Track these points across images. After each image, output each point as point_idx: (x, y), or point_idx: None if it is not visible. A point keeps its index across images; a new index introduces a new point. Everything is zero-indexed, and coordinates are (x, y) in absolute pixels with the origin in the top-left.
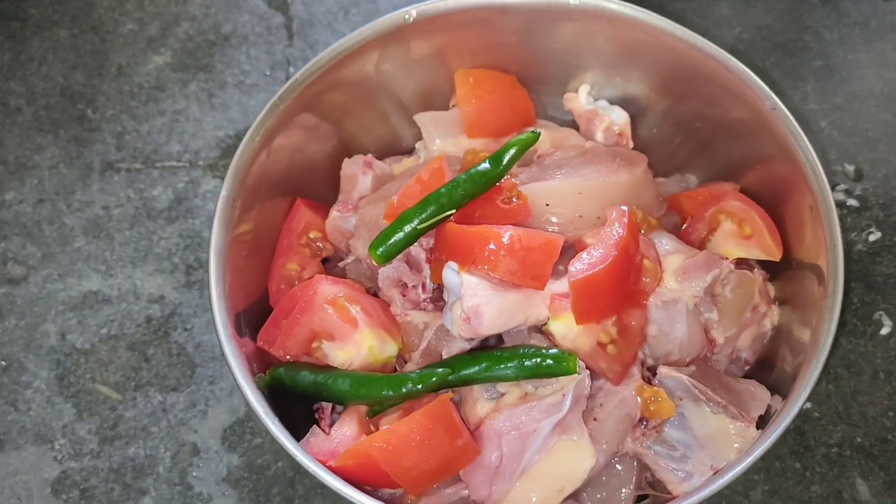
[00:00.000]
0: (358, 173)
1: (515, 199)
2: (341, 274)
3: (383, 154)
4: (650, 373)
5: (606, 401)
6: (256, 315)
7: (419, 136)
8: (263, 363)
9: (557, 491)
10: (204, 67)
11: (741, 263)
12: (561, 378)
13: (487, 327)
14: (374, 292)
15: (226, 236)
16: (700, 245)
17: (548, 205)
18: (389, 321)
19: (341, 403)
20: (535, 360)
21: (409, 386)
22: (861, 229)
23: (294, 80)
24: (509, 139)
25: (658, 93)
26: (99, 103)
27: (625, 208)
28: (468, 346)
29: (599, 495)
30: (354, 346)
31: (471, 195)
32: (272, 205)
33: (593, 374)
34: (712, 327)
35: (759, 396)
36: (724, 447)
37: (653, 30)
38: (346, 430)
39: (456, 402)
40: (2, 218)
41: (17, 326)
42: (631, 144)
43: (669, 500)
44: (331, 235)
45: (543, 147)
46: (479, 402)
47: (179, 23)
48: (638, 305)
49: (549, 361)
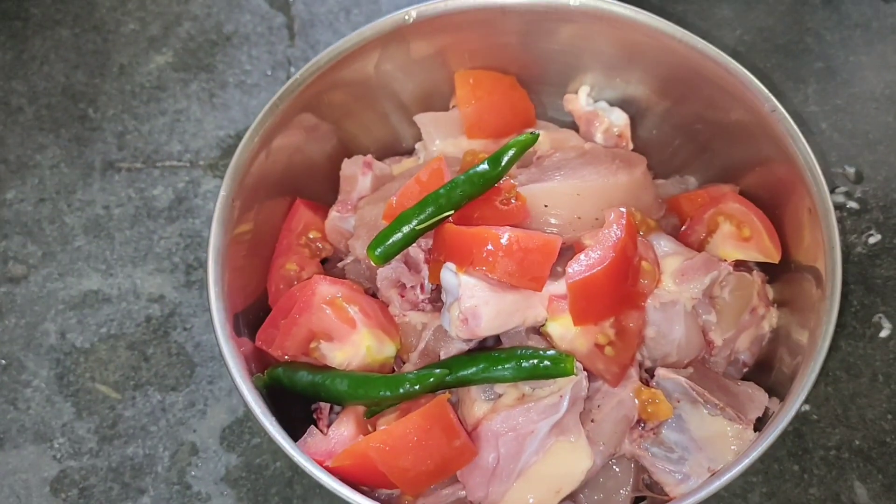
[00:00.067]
0: (357, 174)
1: (514, 201)
2: (340, 274)
3: (383, 155)
4: (648, 374)
5: (604, 402)
6: (255, 315)
7: (419, 136)
8: (262, 363)
9: (555, 492)
10: (205, 67)
11: (740, 265)
12: (558, 379)
13: (485, 328)
14: (372, 293)
15: (224, 236)
16: (699, 247)
17: (546, 206)
18: (388, 322)
19: (339, 404)
20: (532, 362)
21: (407, 386)
22: (861, 231)
23: (294, 80)
24: (509, 140)
25: (658, 94)
26: (100, 103)
27: (623, 210)
28: (466, 346)
29: (597, 497)
30: (352, 347)
31: (469, 196)
32: (272, 205)
33: (591, 376)
34: (710, 329)
35: (757, 399)
36: (722, 449)
37: (652, 31)
38: (343, 431)
39: (453, 402)
40: (3, 217)
41: (17, 325)
42: (630, 146)
43: (667, 501)
44: (330, 236)
45: (543, 148)
46: (476, 402)
47: (181, 22)
48: (636, 307)
49: (546, 363)
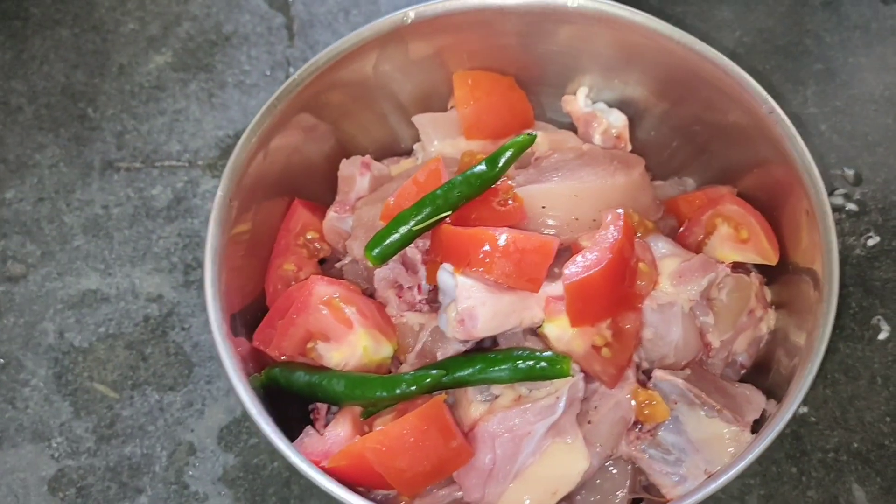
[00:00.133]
0: (355, 174)
1: (511, 202)
2: (338, 275)
3: (382, 155)
4: (645, 376)
5: (601, 404)
6: (253, 315)
7: (417, 137)
8: (259, 363)
9: (551, 494)
10: (204, 67)
11: (738, 267)
12: (555, 381)
13: (482, 329)
14: (370, 293)
15: (222, 236)
16: (697, 248)
17: (544, 207)
18: (384, 322)
19: (336, 404)
20: (529, 363)
21: (404, 387)
22: (860, 233)
23: (291, 80)
24: (507, 141)
25: (656, 96)
26: (100, 102)
27: (620, 211)
28: (463, 347)
29: (593, 498)
30: (349, 347)
31: (467, 197)
32: (269, 205)
33: (588, 377)
34: (708, 331)
35: (755, 401)
36: (719, 451)
37: (651, 33)
38: (339, 431)
39: (450, 403)
40: (2, 216)
41: (15, 324)
42: (629, 147)
43: None
44: (328, 236)
45: (541, 149)
46: (473, 403)
47: (181, 22)
48: (633, 309)
49: (543, 364)
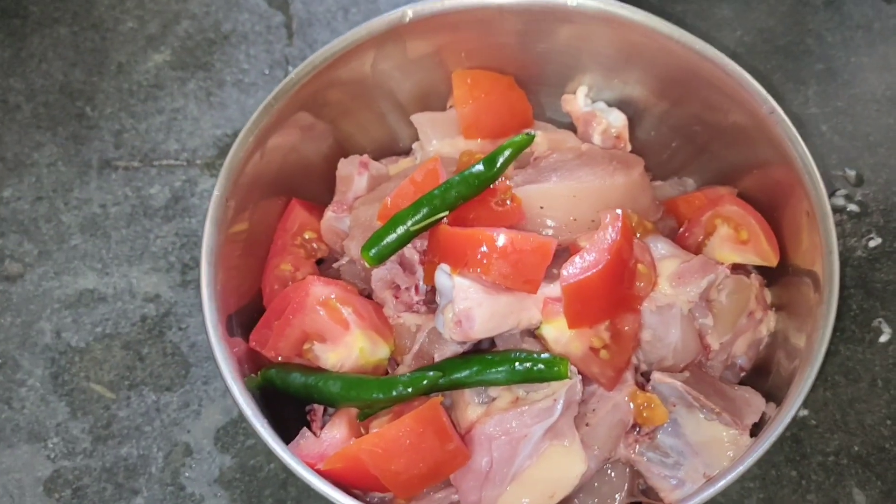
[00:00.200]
0: (353, 174)
1: (509, 202)
2: (336, 275)
3: (380, 154)
4: (644, 378)
5: (599, 406)
6: (250, 315)
7: (416, 136)
8: (256, 363)
9: (548, 497)
10: (203, 66)
11: (738, 269)
12: (553, 383)
13: (479, 331)
14: (367, 294)
15: (218, 236)
16: (696, 249)
17: (542, 207)
18: (381, 323)
19: (332, 405)
20: (526, 365)
21: (400, 389)
22: (861, 235)
23: (289, 79)
24: (506, 141)
25: (656, 95)
26: (98, 101)
27: (619, 212)
28: (460, 349)
29: (591, 502)
30: (345, 348)
31: (464, 197)
32: (267, 205)
33: (586, 380)
34: (707, 333)
35: (754, 403)
36: (718, 454)
37: (651, 32)
38: (335, 433)
39: (447, 405)
40: None
41: (12, 324)
42: (628, 147)
43: None
44: (326, 236)
45: (540, 149)
46: (469, 406)
47: (179, 21)
48: (631, 310)
49: (540, 366)
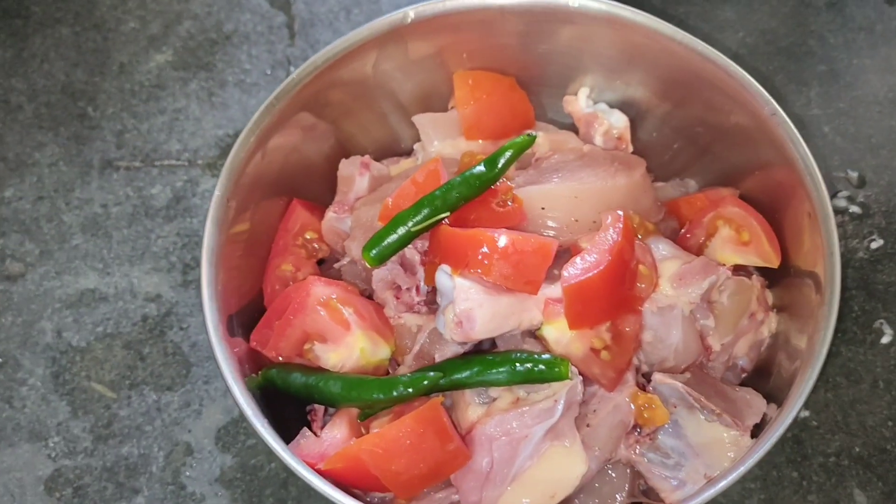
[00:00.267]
0: (355, 174)
1: (511, 203)
2: (337, 275)
3: (381, 155)
4: (645, 379)
5: (600, 407)
6: (250, 315)
7: (418, 137)
8: (257, 363)
9: (549, 497)
10: (205, 66)
11: (739, 270)
12: (553, 384)
13: (480, 331)
14: (368, 294)
15: (219, 236)
16: (698, 251)
17: (543, 208)
18: (382, 323)
19: (332, 406)
20: (527, 366)
21: (400, 389)
22: (863, 236)
23: (290, 79)
24: (507, 142)
25: (658, 97)
26: (100, 101)
27: (620, 213)
28: (461, 349)
29: (592, 502)
30: (346, 349)
31: (466, 198)
32: (268, 205)
33: (587, 380)
34: (708, 334)
35: (755, 405)
36: (719, 455)
37: (653, 33)
38: (336, 433)
39: (447, 406)
40: (1, 214)
41: (13, 323)
42: (630, 148)
43: None
44: (327, 236)
45: (541, 150)
46: (470, 406)
47: (181, 21)
48: (633, 311)
49: (541, 367)
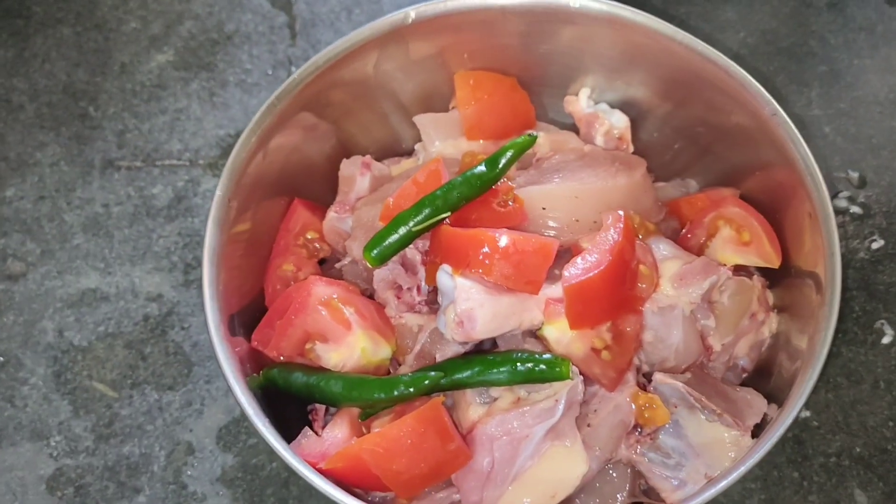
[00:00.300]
0: (356, 174)
1: (511, 203)
2: (338, 275)
3: (383, 155)
4: (645, 379)
5: (600, 407)
6: (252, 315)
7: (419, 137)
8: (258, 363)
9: (550, 497)
10: (206, 66)
11: (740, 270)
12: (554, 383)
13: (481, 331)
14: (369, 294)
15: (220, 236)
16: (698, 251)
17: (544, 208)
18: (383, 323)
19: (333, 405)
20: (528, 365)
21: (401, 389)
22: (864, 237)
23: (292, 79)
24: (508, 142)
25: (659, 97)
26: (101, 101)
27: (621, 213)
28: (462, 349)
29: (592, 502)
30: (347, 348)
31: (467, 198)
32: (269, 205)
33: (587, 380)
34: (709, 334)
35: (756, 405)
36: (719, 455)
37: (653, 33)
38: (337, 433)
39: (448, 406)
40: (2, 214)
41: (15, 323)
42: (631, 148)
43: None
44: (328, 236)
45: (542, 150)
46: (471, 406)
47: (182, 21)
48: (633, 311)
49: (542, 366)
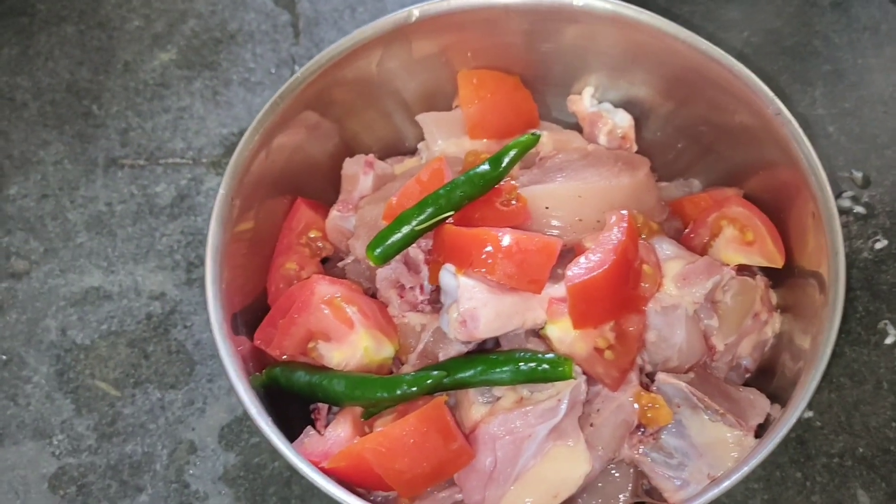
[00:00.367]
0: (359, 173)
1: (515, 202)
2: (341, 274)
3: (386, 154)
4: (648, 379)
5: (603, 406)
6: (255, 314)
7: (422, 136)
8: (260, 362)
9: (552, 497)
10: (209, 65)
11: (743, 270)
12: (557, 383)
13: (483, 330)
14: (372, 293)
15: (223, 235)
16: (702, 250)
17: (547, 208)
18: (386, 322)
19: (336, 404)
20: (531, 365)
21: (404, 388)
22: (867, 237)
23: (295, 78)
24: (511, 141)
25: (662, 96)
26: (104, 99)
27: (624, 212)
28: (464, 348)
29: (595, 502)
30: (350, 347)
31: (470, 197)
32: (272, 203)
33: (590, 380)
34: (712, 334)
35: (759, 405)
36: (722, 455)
37: (657, 32)
38: (339, 432)
39: (451, 405)
40: (5, 212)
41: (18, 321)
42: (634, 148)
43: None
44: (331, 235)
45: (546, 149)
46: (474, 405)
47: (186, 20)
48: (636, 311)
49: (545, 366)
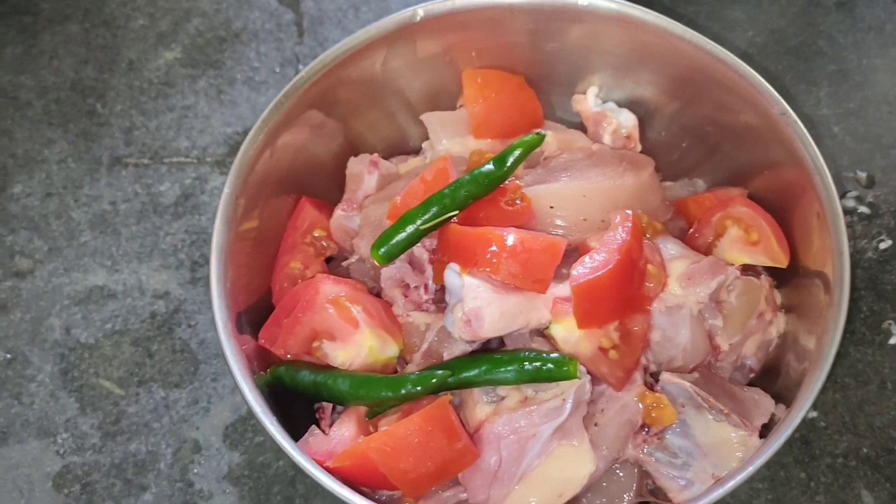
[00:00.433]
0: (363, 172)
1: (519, 201)
2: (345, 273)
3: (390, 153)
4: (653, 379)
5: (608, 406)
6: (259, 313)
7: (426, 135)
8: (265, 361)
9: (557, 496)
10: (213, 64)
11: (748, 270)
12: (562, 383)
13: (488, 330)
14: (376, 292)
15: (228, 234)
16: (706, 250)
17: (552, 207)
18: (391, 322)
19: (341, 404)
20: (535, 364)
21: (409, 387)
22: (872, 237)
23: (299, 77)
24: (516, 140)
25: (667, 96)
26: (108, 98)
27: (629, 212)
28: (469, 348)
29: (599, 501)
30: (355, 347)
31: (474, 196)
32: (277, 203)
33: (595, 380)
34: (717, 334)
35: (763, 405)
36: (727, 455)
37: (662, 32)
38: (344, 431)
39: (455, 404)
40: (10, 211)
41: (22, 320)
42: (639, 147)
43: None
44: (335, 234)
45: (550, 149)
46: (478, 405)
47: (190, 18)
48: (641, 310)
49: (549, 366)
